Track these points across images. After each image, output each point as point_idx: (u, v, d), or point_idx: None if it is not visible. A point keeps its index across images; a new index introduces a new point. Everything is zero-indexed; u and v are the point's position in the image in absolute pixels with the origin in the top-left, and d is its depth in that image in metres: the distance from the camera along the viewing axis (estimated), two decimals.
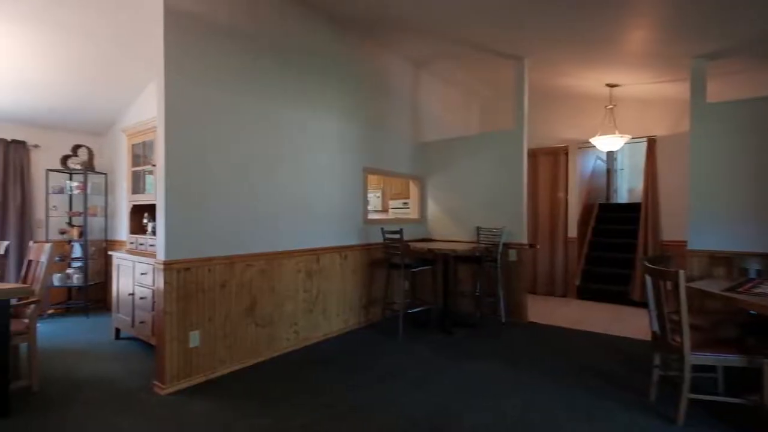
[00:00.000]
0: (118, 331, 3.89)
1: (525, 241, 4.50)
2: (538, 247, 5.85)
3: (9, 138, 4.50)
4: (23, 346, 2.77)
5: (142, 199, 3.81)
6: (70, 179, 4.88)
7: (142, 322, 3.46)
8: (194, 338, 2.83)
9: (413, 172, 5.13)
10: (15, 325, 2.61)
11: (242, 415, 2.41)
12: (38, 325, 2.84)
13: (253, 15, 3.21)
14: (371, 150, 4.43)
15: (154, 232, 3.66)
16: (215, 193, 2.96)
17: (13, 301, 2.60)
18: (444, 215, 5.14)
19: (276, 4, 3.38)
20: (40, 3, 3.10)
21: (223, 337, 3.01)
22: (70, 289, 4.96)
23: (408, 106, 5.06)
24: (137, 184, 3.95)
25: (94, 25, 3.44)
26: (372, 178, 5.05)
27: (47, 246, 2.88)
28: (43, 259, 2.84)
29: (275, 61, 3.38)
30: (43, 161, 4.78)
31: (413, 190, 5.31)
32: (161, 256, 2.70)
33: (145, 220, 3.90)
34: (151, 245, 3.54)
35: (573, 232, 5.92)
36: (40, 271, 2.84)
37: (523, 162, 4.49)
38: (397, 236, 3.96)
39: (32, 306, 2.72)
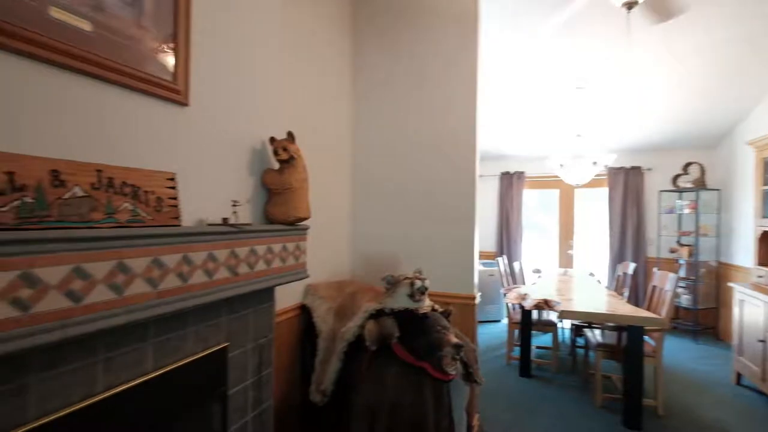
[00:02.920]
0: (739, 375, 3.38)
1: None
2: None
3: (628, 165, 5.17)
4: (648, 367, 3.00)
5: None
6: (680, 198, 4.88)
7: None
8: None
9: None
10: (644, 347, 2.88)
11: None
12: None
13: None
14: None
15: None
16: None
17: None
18: None
19: None
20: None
21: None
22: (677, 308, 4.96)
23: None
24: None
25: (721, 32, 3.16)
26: None
27: (672, 276, 2.95)
28: (668, 287, 2.94)
29: None
30: (654, 183, 5.11)
31: None
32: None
33: None
34: None
35: None
36: (665, 298, 2.96)
37: None
38: None
39: (659, 332, 2.88)
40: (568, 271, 4.78)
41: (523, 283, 4.56)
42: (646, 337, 2.93)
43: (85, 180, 1.00)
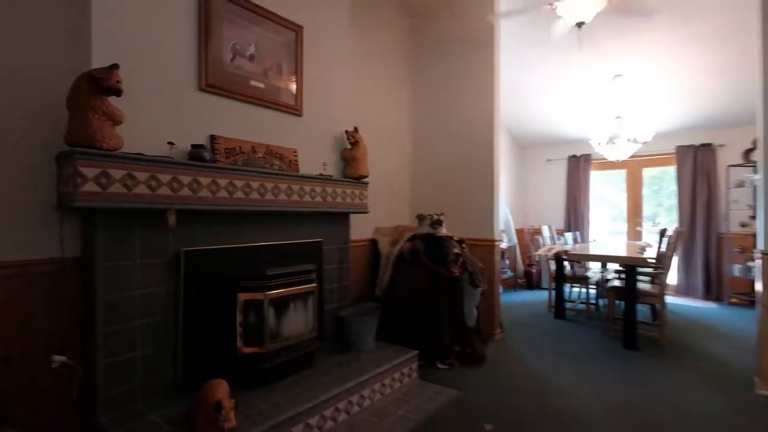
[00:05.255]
0: None
1: None
2: None
3: (697, 143, 5.26)
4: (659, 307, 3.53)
5: None
6: (755, 172, 4.86)
7: None
8: None
9: None
10: (653, 289, 3.45)
11: None
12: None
13: None
14: None
15: None
16: None
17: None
18: None
19: None
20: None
21: None
22: (753, 281, 4.92)
23: None
24: None
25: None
26: None
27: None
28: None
29: None
30: (724, 159, 5.13)
31: None
32: (761, 245, 2.49)
33: None
34: None
35: None
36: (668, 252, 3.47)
37: None
38: None
39: (663, 276, 3.42)
40: (623, 241, 5.15)
41: None
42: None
43: (263, 150, 2.40)
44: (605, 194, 6.45)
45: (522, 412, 2.30)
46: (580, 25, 2.65)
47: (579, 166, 6.15)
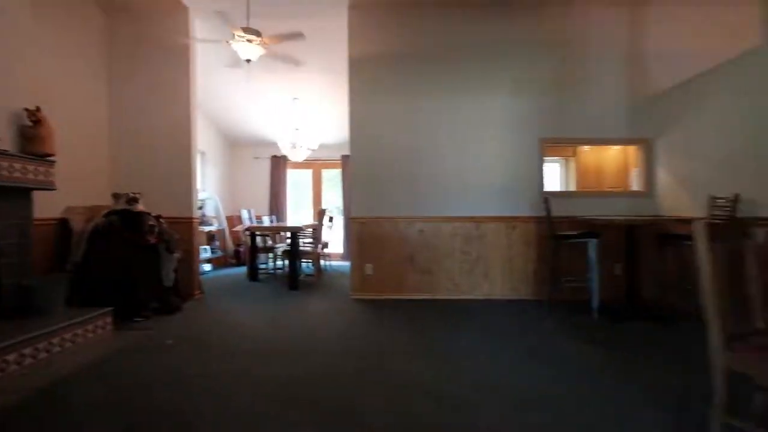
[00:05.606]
0: None
1: None
2: None
3: None
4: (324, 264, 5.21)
5: None
6: None
7: None
8: (369, 268, 4.30)
9: (633, 135, 4.22)
10: (312, 250, 5.07)
11: (385, 317, 3.66)
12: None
13: (414, 35, 4.27)
14: (554, 119, 4.24)
15: None
16: (385, 170, 4.30)
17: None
18: (677, 186, 3.91)
19: (436, 17, 4.26)
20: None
21: (389, 274, 4.30)
22: None
23: (620, 57, 4.24)
24: None
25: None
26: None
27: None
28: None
29: (441, 63, 4.26)
30: None
31: (639, 157, 4.32)
32: (350, 214, 4.36)
33: None
34: None
35: None
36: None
37: None
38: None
39: (319, 242, 5.11)
40: (309, 220, 6.94)
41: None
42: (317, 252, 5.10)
43: None
44: (304, 187, 8.24)
45: (199, 333, 3.20)
46: (248, 61, 3.79)
47: (279, 164, 7.64)
